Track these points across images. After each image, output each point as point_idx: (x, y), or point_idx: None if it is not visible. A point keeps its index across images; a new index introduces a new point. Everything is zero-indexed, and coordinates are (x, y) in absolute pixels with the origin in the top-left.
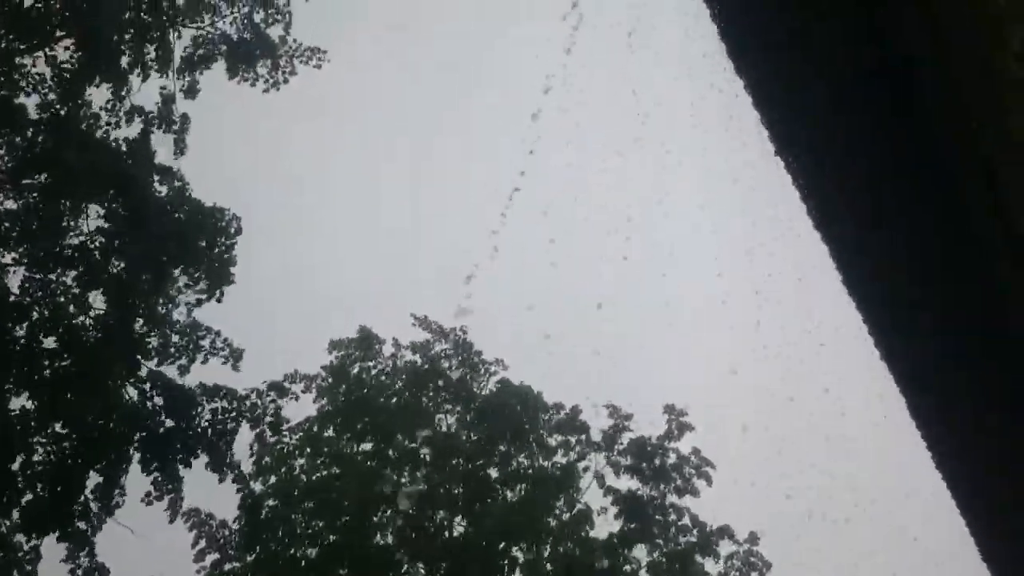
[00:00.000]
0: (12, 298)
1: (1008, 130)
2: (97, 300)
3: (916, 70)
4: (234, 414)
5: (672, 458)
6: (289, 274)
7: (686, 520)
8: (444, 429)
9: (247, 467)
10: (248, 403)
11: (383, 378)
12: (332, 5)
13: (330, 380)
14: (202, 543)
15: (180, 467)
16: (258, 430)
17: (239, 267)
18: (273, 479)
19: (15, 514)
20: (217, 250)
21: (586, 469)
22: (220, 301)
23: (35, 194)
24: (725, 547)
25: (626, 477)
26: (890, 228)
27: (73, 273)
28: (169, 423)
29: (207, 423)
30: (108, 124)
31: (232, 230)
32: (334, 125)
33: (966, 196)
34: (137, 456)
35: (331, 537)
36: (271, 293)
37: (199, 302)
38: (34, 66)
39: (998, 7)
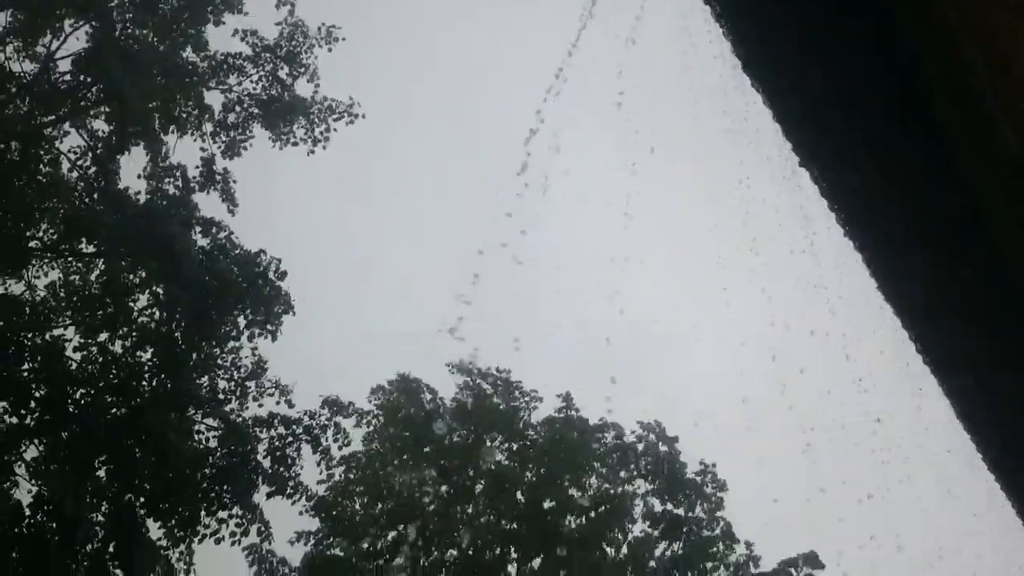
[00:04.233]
0: (72, 364)
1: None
2: (149, 353)
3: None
4: (290, 439)
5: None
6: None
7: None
8: (497, 463)
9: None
10: (303, 425)
11: (433, 416)
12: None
13: (380, 419)
14: None
15: (247, 498)
16: (322, 447)
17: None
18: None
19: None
20: (263, 291)
21: (635, 495)
22: (274, 339)
23: (79, 263)
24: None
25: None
26: None
27: (123, 332)
28: (227, 461)
29: (265, 452)
30: (150, 187)
31: (272, 271)
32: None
33: None
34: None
35: None
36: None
37: (251, 339)
38: (65, 134)
39: None
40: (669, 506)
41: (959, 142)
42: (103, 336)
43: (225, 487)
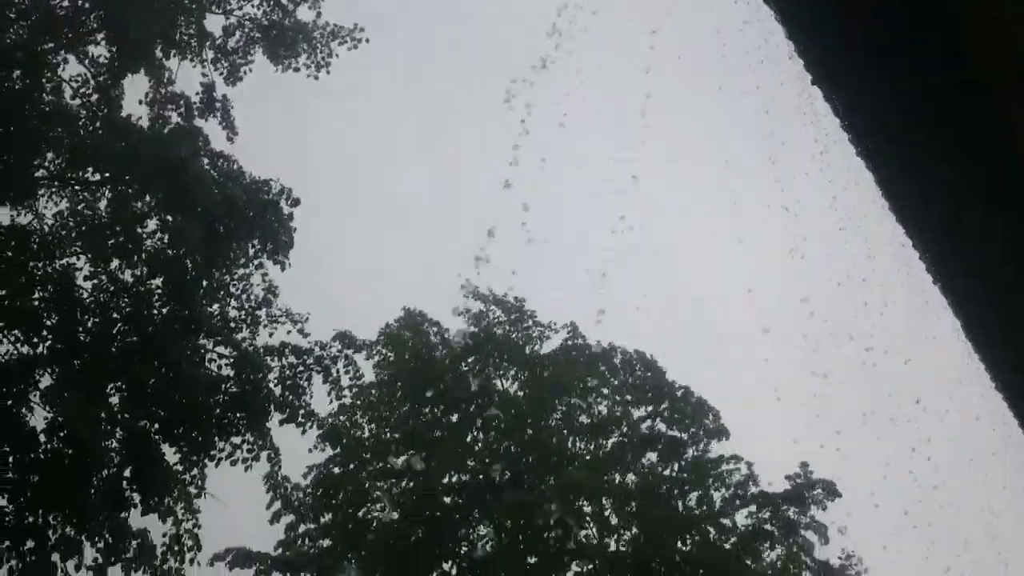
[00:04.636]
0: (82, 293)
1: None
2: (159, 281)
3: None
4: (301, 368)
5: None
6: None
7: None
8: (505, 392)
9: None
10: (314, 356)
11: (439, 348)
12: None
13: (386, 350)
14: (277, 505)
15: (260, 425)
16: (332, 378)
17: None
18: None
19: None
20: (271, 220)
21: (642, 419)
22: (283, 268)
23: (86, 192)
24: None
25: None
26: None
27: (133, 260)
28: (240, 388)
29: (276, 380)
30: (152, 113)
31: (283, 200)
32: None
33: None
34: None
35: (400, 500)
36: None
37: (260, 267)
38: (65, 62)
39: None
40: (663, 427)
41: (977, 47)
42: (113, 265)
43: (238, 414)
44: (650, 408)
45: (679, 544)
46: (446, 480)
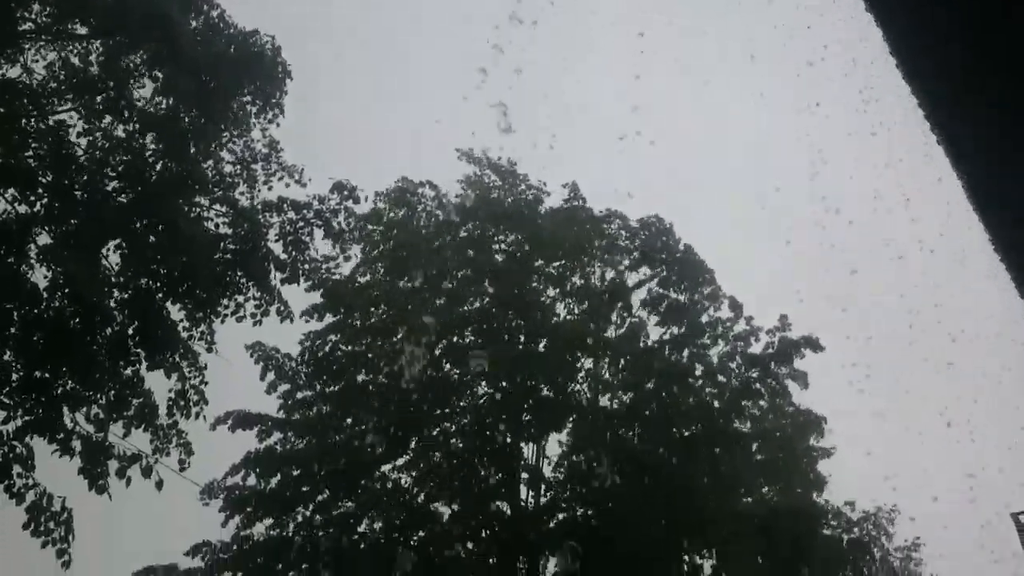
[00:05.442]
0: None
1: None
2: (152, 137)
3: None
4: (301, 223)
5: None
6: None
7: (729, 312)
8: (498, 259)
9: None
10: (313, 209)
11: (429, 217)
12: None
13: (371, 227)
14: (271, 375)
15: (263, 282)
16: (334, 232)
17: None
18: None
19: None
20: (261, 70)
21: (639, 284)
22: (272, 120)
23: (76, 44)
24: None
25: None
26: None
27: (125, 116)
28: (238, 245)
29: (277, 237)
30: None
31: (270, 52)
32: None
33: None
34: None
35: (387, 368)
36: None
37: (255, 116)
38: None
39: None
40: (665, 291)
41: None
42: (106, 121)
43: (239, 272)
44: (654, 271)
45: (672, 398)
46: (443, 344)
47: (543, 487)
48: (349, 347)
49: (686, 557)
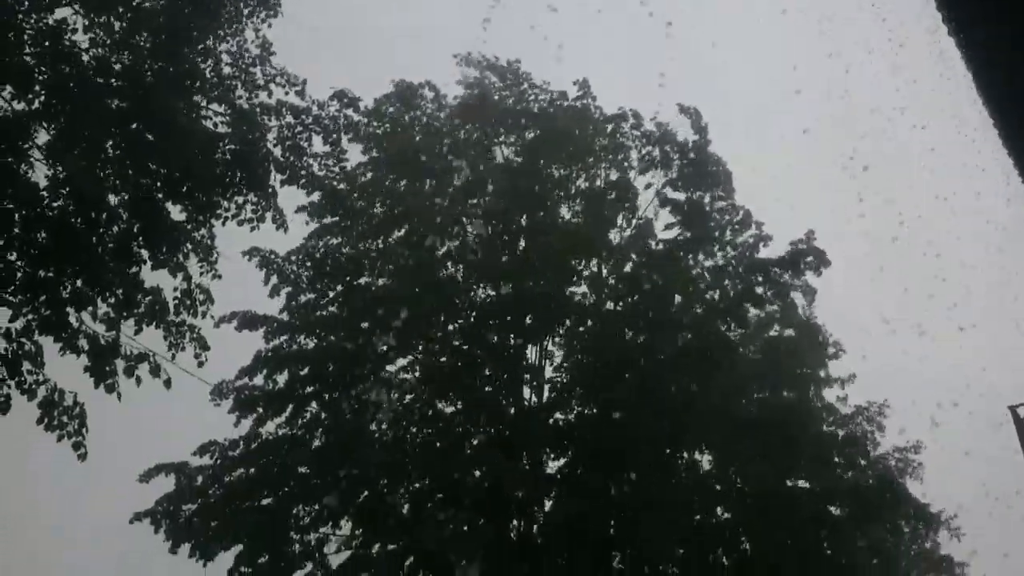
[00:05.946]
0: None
1: None
2: (148, 35)
3: None
4: (300, 128)
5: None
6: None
7: (740, 217)
8: (500, 160)
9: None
10: (312, 115)
11: (429, 120)
12: None
13: (372, 126)
14: (274, 279)
15: (262, 184)
16: (332, 139)
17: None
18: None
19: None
20: None
21: (648, 186)
22: (266, 20)
23: None
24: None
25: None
26: None
27: (120, 12)
28: (237, 145)
29: (275, 141)
30: None
31: None
32: None
33: None
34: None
35: (390, 266)
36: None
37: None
38: None
39: None
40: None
41: None
42: (103, 18)
43: (239, 172)
44: (666, 171)
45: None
46: (444, 249)
47: (547, 388)
48: (349, 249)
49: (684, 453)
